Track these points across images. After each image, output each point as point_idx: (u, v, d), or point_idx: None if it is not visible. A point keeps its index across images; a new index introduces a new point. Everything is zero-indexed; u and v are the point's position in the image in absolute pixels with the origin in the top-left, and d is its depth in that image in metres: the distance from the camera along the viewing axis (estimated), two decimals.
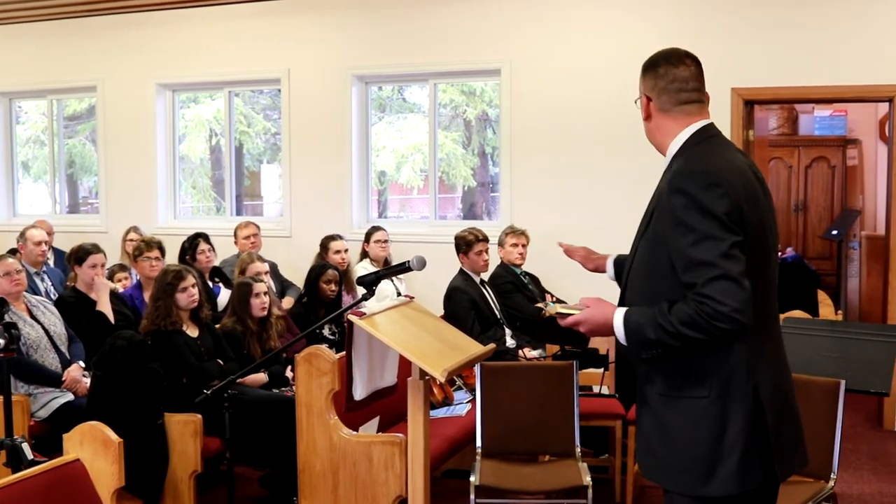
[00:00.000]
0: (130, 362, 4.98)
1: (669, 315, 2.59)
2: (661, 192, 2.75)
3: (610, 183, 7.80)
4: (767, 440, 2.68)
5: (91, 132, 10.68)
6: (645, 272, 2.78)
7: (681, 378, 2.70)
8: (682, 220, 2.60)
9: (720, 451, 2.65)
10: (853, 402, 6.21)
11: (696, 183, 2.62)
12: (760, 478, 2.69)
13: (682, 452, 2.70)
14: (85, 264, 6.19)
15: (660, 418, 2.76)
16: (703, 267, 2.55)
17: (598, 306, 2.78)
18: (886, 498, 5.79)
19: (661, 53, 2.92)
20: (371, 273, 4.07)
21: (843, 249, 10.09)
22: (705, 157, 2.74)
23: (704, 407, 2.66)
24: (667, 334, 2.60)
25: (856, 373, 4.84)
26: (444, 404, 5.91)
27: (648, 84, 2.91)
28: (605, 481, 5.87)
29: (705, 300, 2.53)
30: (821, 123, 10.40)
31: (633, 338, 2.70)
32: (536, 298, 7.02)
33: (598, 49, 7.84)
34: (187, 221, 9.65)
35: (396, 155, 9.95)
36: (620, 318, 2.71)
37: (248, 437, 5.28)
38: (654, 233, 2.73)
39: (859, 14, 7.16)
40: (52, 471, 3.43)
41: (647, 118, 2.92)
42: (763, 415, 2.67)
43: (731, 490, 2.66)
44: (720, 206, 2.59)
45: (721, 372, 2.65)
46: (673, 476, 2.74)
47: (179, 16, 9.29)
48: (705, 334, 2.56)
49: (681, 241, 2.60)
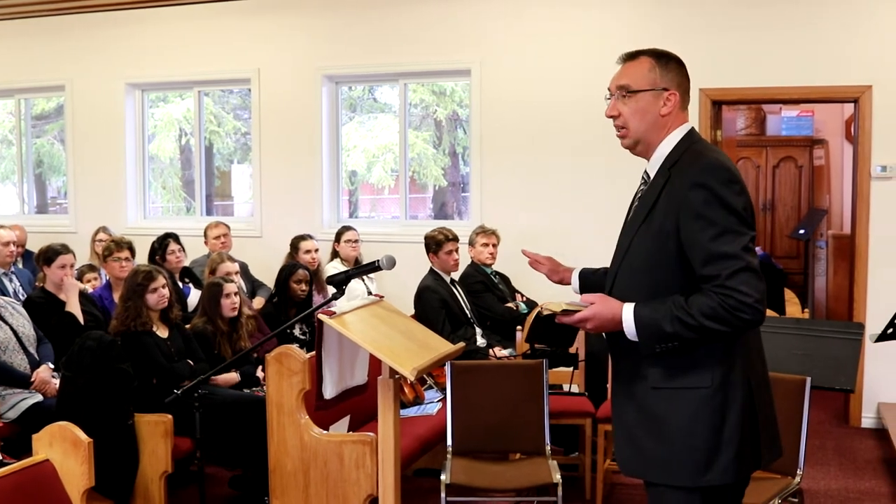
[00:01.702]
0: (100, 363, 4.96)
1: (689, 308, 2.60)
2: (668, 189, 2.74)
3: (579, 182, 7.84)
4: (758, 429, 2.74)
5: (59, 132, 10.60)
6: (644, 267, 2.77)
7: (680, 370, 2.71)
8: (703, 214, 2.62)
9: (720, 440, 2.68)
10: (819, 398, 6.29)
11: (717, 178, 2.64)
12: (752, 465, 2.75)
13: (678, 444, 2.71)
14: (54, 265, 6.15)
15: (650, 412, 2.76)
16: (727, 259, 2.58)
17: (603, 302, 2.75)
18: (852, 493, 5.86)
19: (668, 51, 2.90)
20: (341, 272, 4.08)
21: (810, 248, 10.18)
22: (714, 154, 2.75)
23: (705, 397, 2.68)
24: (686, 327, 2.61)
25: (821, 370, 4.89)
26: (414, 403, 5.92)
27: (675, 79, 2.86)
28: (575, 479, 5.91)
29: (730, 291, 2.56)
30: (788, 124, 10.49)
31: (647, 331, 2.68)
32: (507, 298, 7.05)
33: (567, 50, 7.88)
34: (157, 221, 9.61)
35: (367, 155, 9.94)
36: (631, 314, 2.70)
37: (218, 438, 5.27)
38: (661, 228, 2.72)
39: (825, 16, 7.23)
40: (21, 472, 3.42)
41: (667, 114, 2.85)
42: (754, 404, 2.72)
43: (728, 479, 2.70)
44: (739, 201, 2.64)
45: (721, 362, 2.68)
46: (664, 469, 2.75)
47: (149, 15, 9.24)
48: (727, 326, 2.59)
49: (702, 235, 2.62)
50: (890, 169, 7.15)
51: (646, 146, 2.89)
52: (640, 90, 2.85)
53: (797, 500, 4.49)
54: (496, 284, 7.08)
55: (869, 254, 7.27)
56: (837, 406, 7.65)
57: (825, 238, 10.49)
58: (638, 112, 2.86)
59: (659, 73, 2.84)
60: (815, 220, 10.13)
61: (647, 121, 2.85)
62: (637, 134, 2.88)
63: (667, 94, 2.84)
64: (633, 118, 2.87)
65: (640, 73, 2.86)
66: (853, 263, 7.42)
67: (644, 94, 2.84)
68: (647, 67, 2.86)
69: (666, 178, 2.77)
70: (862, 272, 7.30)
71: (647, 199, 2.82)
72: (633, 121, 2.87)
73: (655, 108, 2.84)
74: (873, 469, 6.34)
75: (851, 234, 7.55)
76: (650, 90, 2.84)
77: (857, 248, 7.34)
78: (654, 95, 2.84)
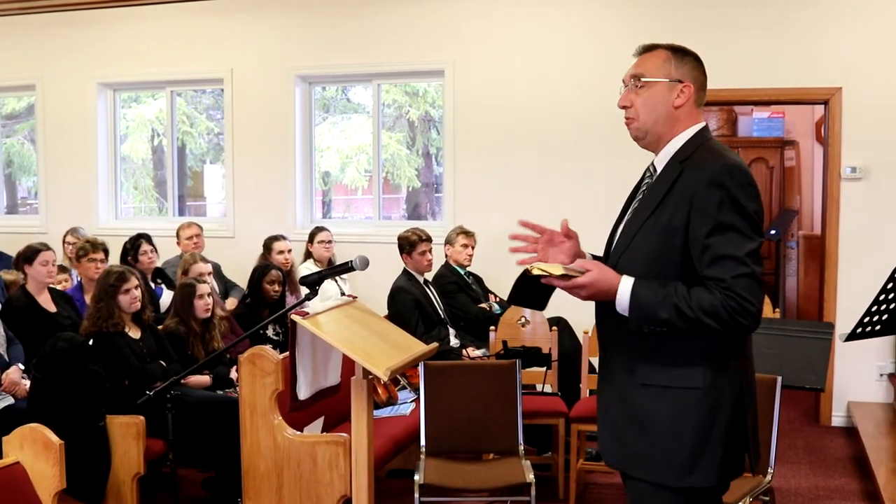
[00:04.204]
0: (71, 364, 4.93)
1: (689, 299, 2.57)
2: (681, 184, 2.69)
3: (553, 183, 7.87)
4: (745, 433, 2.73)
5: (30, 131, 10.52)
6: (646, 260, 2.70)
7: (671, 367, 2.68)
8: (715, 214, 2.59)
9: (707, 442, 2.66)
10: (790, 398, 6.35)
11: (735, 180, 2.61)
12: (737, 469, 2.74)
13: (664, 442, 2.68)
14: (36, 262, 6.12)
15: (636, 407, 2.73)
16: (733, 262, 2.56)
17: (601, 271, 2.67)
18: (822, 491, 5.91)
19: (685, 47, 2.87)
20: (314, 273, 4.07)
21: (781, 249, 10.27)
22: (732, 155, 2.72)
23: (697, 398, 2.66)
24: (682, 317, 2.57)
25: (792, 369, 4.93)
26: (388, 404, 5.92)
27: (691, 73, 2.82)
28: (548, 479, 5.92)
29: (733, 295, 2.54)
30: (759, 125, 10.56)
31: (640, 311, 2.62)
32: (480, 298, 7.07)
33: (539, 51, 7.90)
34: (129, 222, 9.56)
35: (341, 155, 9.93)
36: (628, 288, 2.63)
37: (191, 439, 5.25)
38: (669, 222, 2.66)
39: (795, 18, 7.30)
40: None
41: (680, 106, 2.79)
42: (745, 409, 2.72)
43: (711, 482, 2.69)
44: (752, 206, 2.62)
45: (714, 363, 2.66)
46: (647, 465, 2.73)
47: (120, 14, 9.19)
48: (722, 326, 2.56)
49: (711, 235, 2.59)
50: (859, 170, 7.22)
51: (655, 138, 2.83)
52: (654, 80, 2.81)
53: (768, 498, 4.52)
54: (470, 285, 7.10)
55: (839, 254, 7.34)
56: (808, 405, 7.71)
57: (796, 238, 10.58)
58: (649, 102, 2.81)
59: (674, 65, 2.81)
60: (786, 220, 10.21)
61: (659, 111, 2.80)
62: (646, 125, 2.82)
63: (681, 87, 2.79)
64: (643, 108, 2.82)
65: (655, 64, 2.82)
66: (823, 263, 7.49)
67: (657, 84, 2.80)
68: (663, 59, 2.82)
69: (678, 173, 2.72)
70: (832, 272, 7.36)
71: (655, 192, 2.77)
72: (644, 111, 2.81)
73: (668, 100, 2.79)
74: (843, 467, 6.40)
75: (822, 234, 7.61)
76: (664, 81, 2.80)
77: (828, 248, 7.40)
78: (667, 87, 2.79)
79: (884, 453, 6.14)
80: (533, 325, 6.44)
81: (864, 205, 7.25)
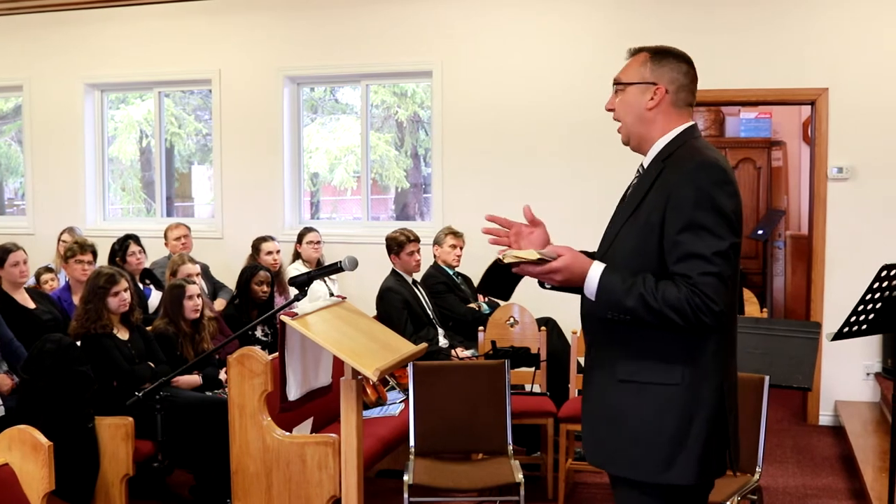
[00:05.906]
0: (60, 366, 4.92)
1: (656, 291, 2.57)
2: (660, 182, 2.70)
3: (542, 184, 7.87)
4: (726, 432, 2.74)
5: (17, 132, 10.47)
6: (627, 256, 2.72)
7: (649, 364, 2.69)
8: (688, 212, 2.60)
9: (685, 439, 2.66)
10: (778, 397, 6.38)
11: (710, 177, 2.62)
12: (716, 469, 2.74)
13: (642, 439, 2.69)
14: (6, 264, 6.08)
15: (614, 404, 2.75)
16: (700, 261, 2.57)
17: (574, 256, 2.68)
18: (810, 490, 5.93)
19: (672, 49, 2.87)
20: (303, 273, 4.07)
21: (768, 249, 10.31)
22: (711, 153, 2.73)
23: (674, 394, 2.66)
24: (646, 308, 2.58)
25: (780, 368, 4.96)
26: (377, 404, 5.93)
27: (667, 75, 2.82)
28: (537, 479, 5.93)
29: (699, 293, 2.54)
30: (746, 125, 10.59)
31: (605, 297, 2.64)
32: (469, 299, 7.07)
33: (528, 51, 7.91)
34: (117, 223, 9.53)
35: (329, 156, 9.92)
36: (598, 273, 2.65)
37: (180, 440, 5.24)
38: (647, 220, 2.68)
39: (782, 19, 7.33)
40: None
41: (652, 108, 2.80)
42: (725, 408, 2.72)
43: (689, 479, 2.68)
44: (729, 203, 2.62)
45: (693, 361, 2.67)
46: (624, 462, 2.74)
47: (108, 14, 9.17)
48: (685, 322, 2.57)
49: (682, 233, 2.60)
50: (846, 170, 7.26)
51: (637, 141, 2.86)
52: (629, 83, 2.84)
53: (756, 497, 4.54)
54: (458, 285, 7.10)
55: (826, 254, 7.37)
56: (795, 404, 7.74)
57: (783, 238, 10.62)
58: (624, 106, 2.85)
59: (650, 68, 2.82)
60: (773, 220, 10.25)
61: (634, 114, 2.83)
62: (627, 128, 2.86)
63: (654, 89, 2.80)
64: (621, 111, 2.86)
65: (633, 68, 2.85)
66: (810, 263, 7.52)
67: (632, 87, 2.83)
68: (641, 62, 2.84)
69: (659, 171, 2.74)
70: (819, 272, 7.40)
71: (638, 190, 2.80)
72: (622, 114, 2.86)
73: (640, 102, 2.81)
74: (830, 466, 6.43)
75: (809, 234, 7.64)
76: (638, 84, 2.82)
77: (815, 248, 7.43)
78: (640, 89, 2.81)
79: (871, 452, 6.17)
80: (521, 325, 6.45)
81: (851, 205, 7.29)
